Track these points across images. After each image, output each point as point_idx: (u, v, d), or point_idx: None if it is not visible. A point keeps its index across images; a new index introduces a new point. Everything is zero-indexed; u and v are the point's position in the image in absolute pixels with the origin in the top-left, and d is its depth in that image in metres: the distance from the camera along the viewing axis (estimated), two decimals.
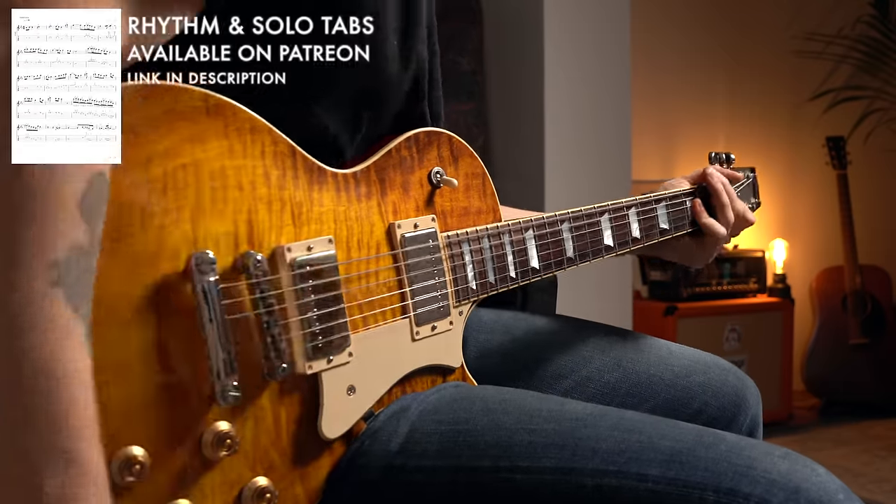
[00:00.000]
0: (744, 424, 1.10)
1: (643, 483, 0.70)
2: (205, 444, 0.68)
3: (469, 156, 0.94)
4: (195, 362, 0.68)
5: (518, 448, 0.75)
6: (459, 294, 0.89)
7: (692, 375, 1.09)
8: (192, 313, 0.67)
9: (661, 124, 3.93)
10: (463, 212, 0.92)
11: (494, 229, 0.93)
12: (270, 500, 0.71)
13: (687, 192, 1.14)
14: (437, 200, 0.89)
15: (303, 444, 0.75)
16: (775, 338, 3.62)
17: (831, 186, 3.97)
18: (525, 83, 2.85)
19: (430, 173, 0.89)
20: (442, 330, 0.87)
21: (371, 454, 0.78)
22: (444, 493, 0.76)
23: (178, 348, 0.67)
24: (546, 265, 0.97)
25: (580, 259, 1.00)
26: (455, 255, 0.89)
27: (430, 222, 0.87)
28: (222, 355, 0.67)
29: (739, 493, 0.68)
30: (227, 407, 0.69)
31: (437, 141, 0.91)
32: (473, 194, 0.94)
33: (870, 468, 3.19)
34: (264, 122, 0.74)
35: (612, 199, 1.05)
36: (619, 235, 1.05)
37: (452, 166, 0.92)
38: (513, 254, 0.94)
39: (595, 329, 1.15)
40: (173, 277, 0.67)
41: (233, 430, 0.69)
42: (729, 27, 4.05)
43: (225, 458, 0.69)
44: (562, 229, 0.99)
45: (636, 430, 0.75)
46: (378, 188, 0.84)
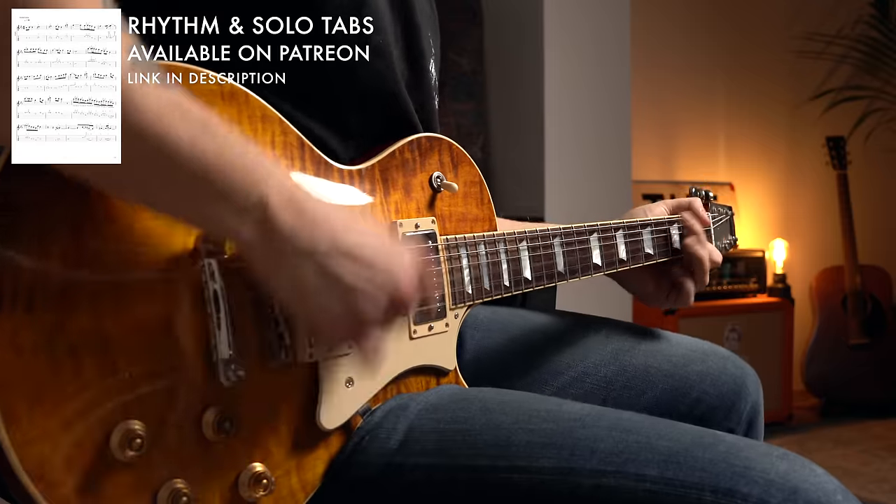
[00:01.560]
0: (744, 411, 1.09)
1: (641, 483, 0.71)
2: (205, 425, 0.69)
3: (468, 164, 0.95)
4: (200, 342, 0.69)
5: (516, 448, 0.75)
6: (456, 297, 0.90)
7: (690, 364, 1.09)
8: (200, 292, 0.68)
9: (661, 124, 3.92)
10: (461, 217, 0.94)
11: (490, 237, 0.94)
12: (267, 486, 0.72)
13: (672, 220, 1.15)
14: (437, 204, 0.91)
15: (300, 433, 0.76)
16: (775, 338, 3.62)
17: (831, 186, 3.97)
18: (525, 83, 2.85)
19: (431, 177, 0.90)
20: (438, 331, 0.88)
21: (370, 451, 0.78)
22: (442, 491, 0.76)
23: (185, 326, 0.68)
24: (538, 276, 0.98)
25: (570, 274, 1.02)
26: (453, 258, 0.90)
27: (431, 224, 0.88)
28: (227, 336, 0.68)
29: (738, 494, 0.68)
30: (229, 388, 0.69)
31: (438, 147, 0.92)
32: (471, 202, 0.95)
33: (870, 468, 3.19)
34: (275, 112, 0.75)
35: (612, 198, 1.06)
36: (607, 255, 1.06)
37: (452, 172, 0.93)
38: (507, 262, 0.95)
39: (591, 323, 1.15)
40: (183, 256, 0.68)
41: (233, 413, 0.70)
42: (729, 27, 4.05)
43: (224, 440, 0.70)
44: (553, 244, 1.00)
45: (634, 430, 0.75)
46: (381, 187, 0.85)
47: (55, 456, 0.61)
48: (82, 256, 0.63)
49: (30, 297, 0.61)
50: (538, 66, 2.77)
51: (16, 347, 0.60)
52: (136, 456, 0.64)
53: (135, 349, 0.65)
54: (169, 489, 0.66)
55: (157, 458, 0.66)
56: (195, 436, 0.68)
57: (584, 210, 2.83)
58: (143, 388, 0.65)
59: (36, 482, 0.60)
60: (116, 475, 0.64)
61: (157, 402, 0.66)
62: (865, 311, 3.90)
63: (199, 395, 0.69)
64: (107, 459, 0.63)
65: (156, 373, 0.66)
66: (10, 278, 0.60)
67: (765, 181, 4.16)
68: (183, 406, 0.68)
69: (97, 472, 0.63)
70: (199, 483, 0.68)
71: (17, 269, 0.60)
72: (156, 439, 0.66)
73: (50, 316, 0.61)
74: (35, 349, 0.61)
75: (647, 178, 3.74)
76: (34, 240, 0.61)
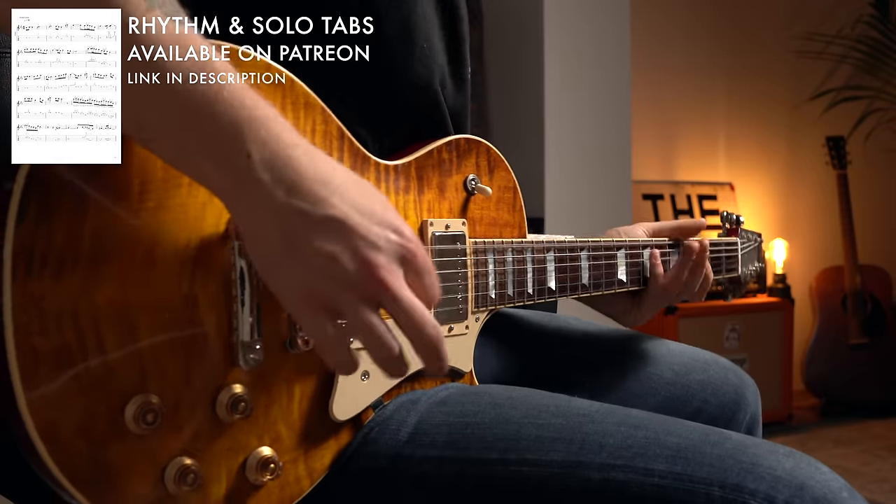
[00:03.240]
0: (743, 422, 1.10)
1: (650, 478, 0.71)
2: (219, 405, 0.69)
3: (504, 169, 0.96)
4: (222, 322, 0.69)
5: (526, 441, 0.75)
6: (479, 300, 0.90)
7: (692, 374, 1.09)
8: (227, 273, 0.69)
9: (661, 124, 3.93)
10: (492, 222, 0.94)
11: (519, 244, 0.94)
12: (274, 470, 0.72)
13: (672, 245, 1.12)
14: (469, 207, 0.91)
15: (311, 422, 0.76)
16: (775, 338, 3.63)
17: (831, 186, 3.97)
18: (525, 83, 2.85)
19: (466, 179, 0.91)
20: (458, 333, 0.89)
21: (380, 443, 0.79)
22: (451, 483, 0.77)
23: (209, 306, 0.69)
24: (562, 287, 0.99)
25: (594, 288, 1.02)
26: (479, 261, 0.90)
27: (461, 226, 0.89)
28: (249, 319, 0.69)
29: (745, 489, 0.68)
30: (246, 371, 0.70)
31: (476, 149, 0.93)
32: (504, 207, 0.96)
33: (870, 468, 3.20)
34: (318, 100, 0.76)
35: (612, 198, 1.07)
36: (632, 272, 1.07)
37: (488, 176, 0.94)
38: (532, 271, 0.95)
39: (594, 329, 1.15)
40: (215, 237, 0.69)
41: (248, 395, 0.70)
42: (729, 27, 4.05)
43: (237, 421, 0.70)
44: (580, 256, 1.01)
45: (643, 426, 0.75)
46: (416, 185, 0.86)
47: (68, 421, 0.61)
48: (114, 230, 0.64)
49: (59, 265, 0.61)
50: (538, 66, 2.78)
51: (40, 312, 0.60)
52: (149, 429, 0.64)
53: (157, 324, 0.66)
54: (177, 466, 0.66)
55: (168, 433, 0.66)
56: (208, 415, 0.69)
57: (584, 210, 2.83)
58: (161, 364, 0.66)
59: (47, 444, 0.60)
60: (127, 446, 0.64)
61: (174, 378, 0.67)
62: (865, 311, 3.90)
63: (216, 375, 0.69)
64: (119, 430, 0.64)
65: (176, 349, 0.67)
66: (41, 246, 0.61)
67: (765, 181, 4.16)
68: (199, 384, 0.68)
69: (108, 442, 0.63)
70: (207, 462, 0.69)
71: (50, 238, 0.61)
72: (169, 415, 0.66)
73: (77, 284, 0.62)
74: (59, 315, 0.61)
75: (647, 178, 3.74)
76: (68, 213, 0.62)
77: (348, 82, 0.84)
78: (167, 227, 0.66)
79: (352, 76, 0.84)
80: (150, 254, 0.65)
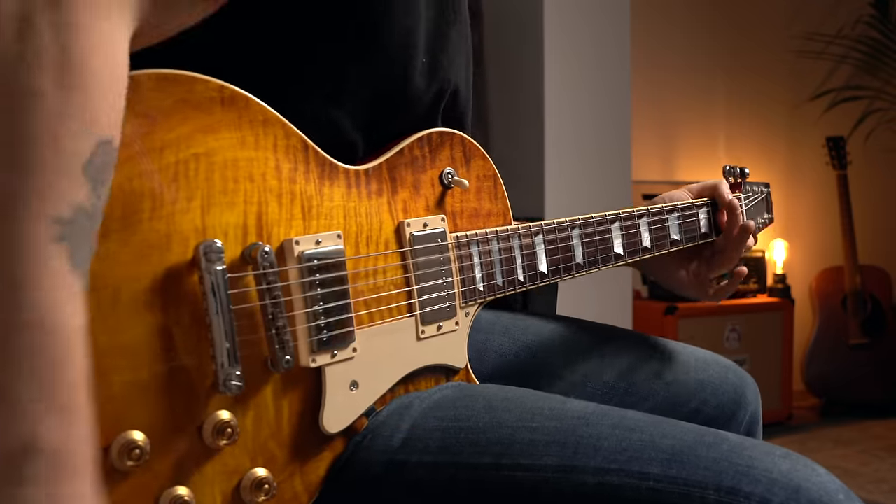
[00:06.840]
0: (743, 421, 1.09)
1: (645, 481, 0.70)
2: (205, 433, 0.68)
3: (481, 157, 0.94)
4: (200, 351, 0.68)
5: (520, 445, 0.75)
6: (467, 295, 0.89)
7: (691, 373, 1.09)
8: (199, 302, 0.67)
9: (661, 124, 3.93)
10: (473, 213, 0.92)
11: (504, 232, 0.92)
12: (269, 491, 0.71)
13: (700, 204, 1.13)
14: (447, 201, 0.89)
15: (303, 437, 0.75)
16: (775, 338, 3.63)
17: (831, 186, 3.98)
18: (525, 83, 2.85)
19: (441, 174, 0.88)
20: (447, 330, 0.87)
21: (373, 450, 0.78)
22: (445, 489, 0.76)
23: (183, 336, 0.67)
24: (555, 270, 0.96)
25: (589, 266, 1.00)
26: (464, 255, 0.88)
27: (440, 222, 0.87)
28: (226, 344, 0.67)
29: (741, 492, 0.68)
30: (230, 396, 0.69)
31: (449, 141, 0.90)
32: (484, 196, 0.94)
33: (869, 468, 3.20)
34: (277, 115, 0.74)
35: (612, 198, 1.06)
36: (629, 244, 1.04)
37: (464, 167, 0.91)
38: (522, 257, 0.93)
39: (593, 329, 1.14)
40: (181, 265, 0.67)
41: (234, 420, 0.69)
42: (729, 27, 4.05)
43: (225, 447, 0.69)
44: (572, 235, 0.98)
45: (638, 428, 0.74)
46: (389, 186, 0.84)
47: None
48: None
49: None
50: (538, 66, 2.77)
51: None
52: (136, 465, 0.63)
53: (133, 365, 0.64)
54: (170, 496, 0.66)
55: (157, 466, 0.65)
56: (196, 443, 0.68)
57: (585, 210, 2.82)
58: (140, 399, 0.65)
59: None
60: (115, 483, 0.63)
61: (156, 411, 0.65)
62: (865, 311, 3.90)
63: (199, 403, 0.68)
64: (105, 468, 0.62)
65: (155, 385, 0.65)
66: None
67: (765, 181, 4.16)
68: (183, 414, 0.67)
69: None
70: (200, 489, 0.68)
71: None
72: (156, 448, 0.65)
73: None
74: None
75: (647, 178, 3.74)
76: None
77: (346, 88, 0.83)
78: (131, 265, 0.64)
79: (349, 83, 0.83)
80: (116, 295, 0.63)
